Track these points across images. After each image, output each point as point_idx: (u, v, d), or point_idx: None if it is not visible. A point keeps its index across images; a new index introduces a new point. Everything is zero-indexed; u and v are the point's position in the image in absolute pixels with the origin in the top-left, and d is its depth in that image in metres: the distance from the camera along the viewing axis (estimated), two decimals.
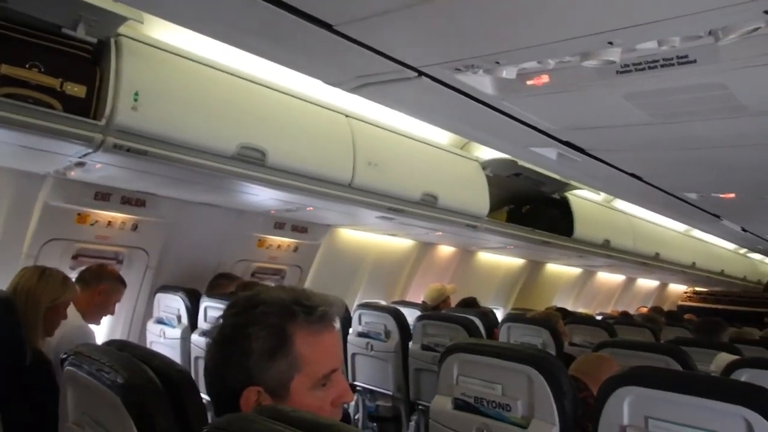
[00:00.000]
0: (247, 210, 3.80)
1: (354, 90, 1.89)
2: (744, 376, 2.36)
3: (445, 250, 5.77)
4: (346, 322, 3.99)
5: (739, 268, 9.38)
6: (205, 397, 1.21)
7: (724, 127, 2.07)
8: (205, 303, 3.25)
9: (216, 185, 2.93)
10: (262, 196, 3.14)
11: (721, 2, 1.23)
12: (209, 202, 3.62)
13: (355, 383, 4.01)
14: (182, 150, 2.40)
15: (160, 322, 3.59)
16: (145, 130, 2.27)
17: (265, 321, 1.09)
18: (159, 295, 3.64)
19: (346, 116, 3.06)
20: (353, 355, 3.99)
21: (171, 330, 3.48)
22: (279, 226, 4.13)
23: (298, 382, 1.08)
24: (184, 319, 3.42)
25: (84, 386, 1.35)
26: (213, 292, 3.46)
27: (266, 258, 4.22)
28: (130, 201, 3.35)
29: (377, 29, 1.48)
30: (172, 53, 2.39)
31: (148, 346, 3.55)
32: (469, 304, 5.02)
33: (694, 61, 1.52)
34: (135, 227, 3.47)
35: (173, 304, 3.51)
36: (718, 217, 4.16)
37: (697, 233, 7.15)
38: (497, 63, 1.62)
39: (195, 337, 3.24)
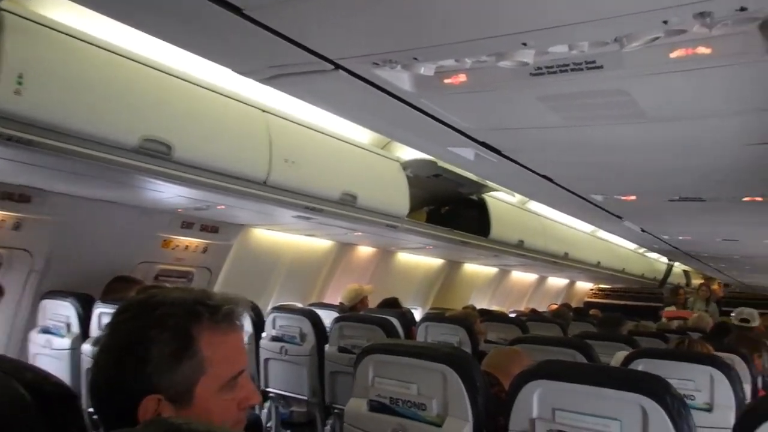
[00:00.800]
0: (152, 208, 3.57)
1: (266, 81, 1.80)
2: (641, 366, 2.49)
3: (365, 251, 5.75)
4: (259, 326, 3.88)
5: (639, 266, 10.01)
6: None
7: (627, 132, 2.16)
8: (99, 309, 3.03)
9: (116, 180, 2.73)
10: (167, 193, 2.97)
11: (624, 10, 1.27)
12: (108, 199, 3.37)
13: (268, 389, 3.90)
14: (75, 141, 2.20)
15: (45, 331, 3.30)
16: (31, 116, 2.05)
17: (166, 323, 1.02)
18: (45, 302, 3.35)
19: (262, 111, 2.94)
20: (266, 360, 3.87)
21: (59, 340, 3.22)
22: (187, 226, 3.92)
23: (203, 386, 1.03)
24: (75, 328, 3.17)
25: None
26: (109, 297, 3.21)
27: (172, 259, 4.01)
28: (12, 196, 3.02)
29: (291, 17, 1.42)
30: (65, 33, 2.17)
31: (30, 358, 3.27)
32: (391, 304, 5.01)
33: (601, 67, 1.57)
34: (17, 226, 3.15)
35: (62, 311, 3.24)
36: (620, 218, 4.38)
37: (602, 234, 7.54)
38: (415, 59, 1.60)
39: (86, 347, 3.00)
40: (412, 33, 1.46)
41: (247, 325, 3.92)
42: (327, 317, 3.96)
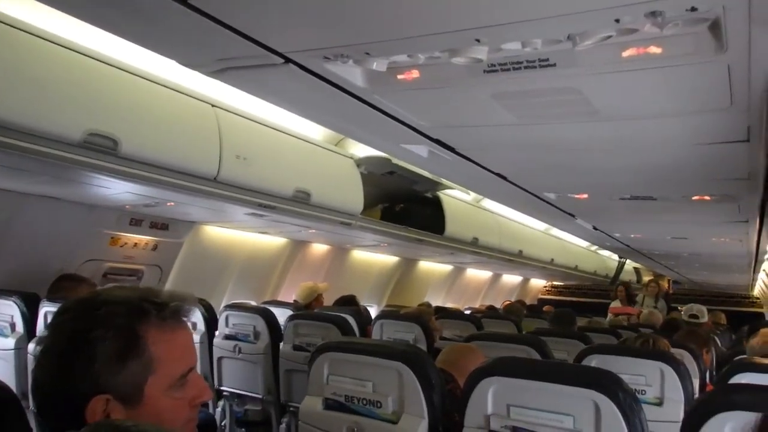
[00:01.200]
0: (98, 204, 3.44)
1: (214, 74, 1.74)
2: (593, 361, 2.54)
3: (319, 248, 5.69)
4: (212, 325, 3.82)
5: (591, 263, 10.26)
6: None
7: (579, 130, 2.18)
8: (45, 308, 2.92)
9: (59, 176, 2.61)
10: (114, 189, 2.85)
11: (576, 8, 1.27)
12: (52, 195, 3.23)
13: (222, 388, 3.84)
14: (15, 134, 2.08)
15: None
16: None
17: (112, 322, 1.00)
18: None
19: (212, 106, 2.86)
20: (219, 358, 3.81)
21: (3, 340, 3.10)
22: (136, 223, 3.80)
23: (153, 385, 1.02)
24: (19, 327, 3.06)
25: None
26: (56, 296, 3.09)
27: (120, 257, 3.87)
28: None
29: (239, 8, 1.37)
30: (3, 23, 2.07)
31: None
32: (348, 302, 4.99)
33: (554, 65, 1.57)
34: None
35: (6, 310, 3.12)
36: (573, 216, 4.45)
37: (555, 231, 7.69)
38: (367, 54, 1.57)
39: (33, 347, 2.87)
40: (364, 27, 1.43)
41: (200, 323, 3.85)
42: (281, 315, 3.92)
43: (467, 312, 5.99)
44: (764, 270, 7.38)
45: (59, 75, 2.22)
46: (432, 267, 7.82)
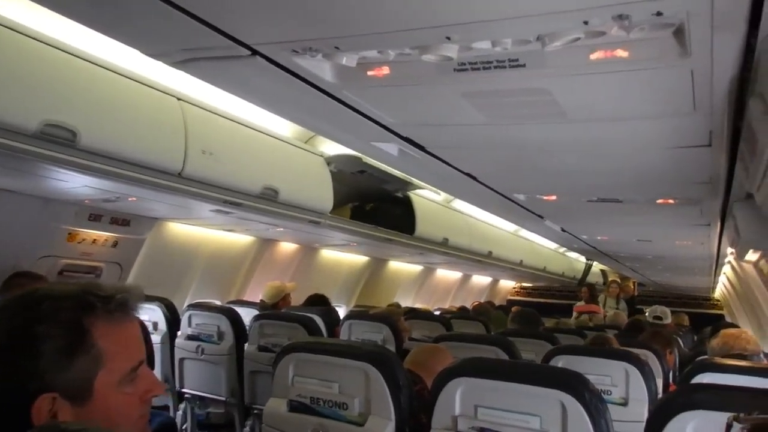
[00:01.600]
0: (55, 198, 3.32)
1: (178, 65, 1.68)
2: (560, 362, 2.57)
3: (287, 247, 5.63)
4: (174, 325, 3.74)
5: (559, 265, 10.39)
6: None
7: (548, 131, 2.18)
8: None
9: (13, 168, 2.51)
10: (72, 182, 2.75)
11: (545, 8, 1.26)
12: (5, 188, 3.10)
13: (184, 390, 3.76)
14: None
15: None
16: None
17: (55, 317, 0.97)
18: None
19: (178, 99, 2.78)
20: (181, 359, 3.74)
21: None
22: (95, 218, 3.67)
23: (102, 380, 1.00)
24: None
25: None
26: (9, 294, 2.97)
27: (78, 254, 3.74)
28: None
29: None
30: None
31: None
32: (317, 302, 4.94)
33: (524, 65, 1.57)
34: None
35: None
36: (541, 217, 4.49)
37: (525, 233, 7.76)
38: (336, 48, 1.54)
39: None
40: (334, 21, 1.40)
41: (161, 323, 3.77)
42: (247, 315, 3.87)
43: (437, 313, 6.01)
44: (725, 273, 7.57)
45: (14, 62, 2.13)
46: (402, 267, 7.81)
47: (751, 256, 3.28)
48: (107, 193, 3.02)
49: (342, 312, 5.58)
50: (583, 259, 11.17)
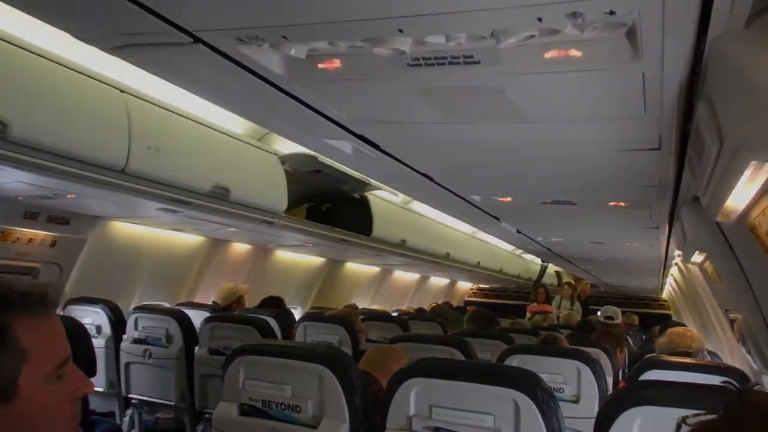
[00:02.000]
0: None
1: (115, 51, 1.58)
2: (515, 361, 2.62)
3: (241, 248, 5.51)
4: (119, 328, 3.62)
5: (515, 267, 10.53)
6: None
7: (503, 132, 2.17)
8: None
9: None
10: (4, 177, 2.59)
11: (499, 3, 1.23)
12: None
13: (130, 396, 3.66)
14: None
15: None
16: None
17: None
18: None
19: (121, 91, 2.65)
20: (127, 364, 3.65)
21: None
22: (31, 216, 3.48)
23: (27, 377, 0.97)
24: None
25: None
26: None
27: (12, 254, 3.54)
28: None
29: None
30: None
31: None
32: (272, 304, 4.86)
33: (478, 62, 1.54)
34: None
35: None
36: (497, 219, 4.50)
37: (482, 235, 7.81)
38: (284, 38, 1.47)
39: None
40: (281, 8, 1.33)
41: (105, 326, 3.65)
42: (198, 318, 3.78)
43: (395, 314, 5.99)
44: (672, 274, 7.78)
45: None
46: (359, 268, 7.76)
47: (697, 257, 3.35)
48: (43, 189, 2.85)
49: (298, 314, 5.50)
50: (538, 260, 11.35)
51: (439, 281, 11.09)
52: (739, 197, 1.59)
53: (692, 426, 0.87)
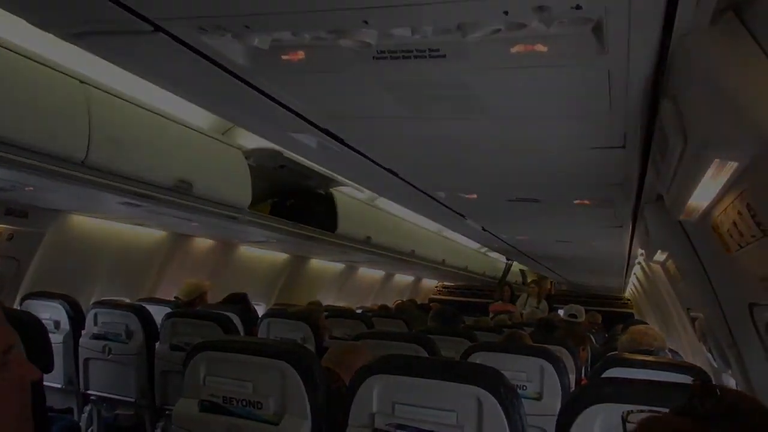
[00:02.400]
0: None
1: (73, 39, 1.53)
2: (479, 359, 2.63)
3: (203, 243, 5.42)
4: (78, 323, 3.54)
5: (481, 265, 10.62)
6: None
7: (468, 127, 2.17)
8: None
9: None
10: None
11: None
12: None
13: (89, 392, 3.59)
14: None
15: None
16: None
17: None
18: None
19: (81, 82, 2.56)
20: (86, 360, 3.57)
21: None
22: None
23: None
24: None
25: None
26: None
27: None
28: None
29: None
30: None
31: None
32: (236, 300, 4.80)
33: (444, 56, 1.53)
34: None
35: None
36: (463, 216, 4.52)
37: (448, 232, 7.84)
38: (247, 27, 1.44)
39: None
40: None
41: (63, 321, 3.58)
42: (159, 313, 3.71)
43: (359, 311, 5.97)
44: (635, 273, 7.94)
45: None
46: (324, 265, 7.72)
47: (660, 256, 3.43)
48: (0, 181, 2.75)
49: (261, 310, 5.44)
50: (503, 259, 11.45)
51: (404, 279, 11.11)
52: (702, 195, 1.62)
53: (635, 422, 0.86)
